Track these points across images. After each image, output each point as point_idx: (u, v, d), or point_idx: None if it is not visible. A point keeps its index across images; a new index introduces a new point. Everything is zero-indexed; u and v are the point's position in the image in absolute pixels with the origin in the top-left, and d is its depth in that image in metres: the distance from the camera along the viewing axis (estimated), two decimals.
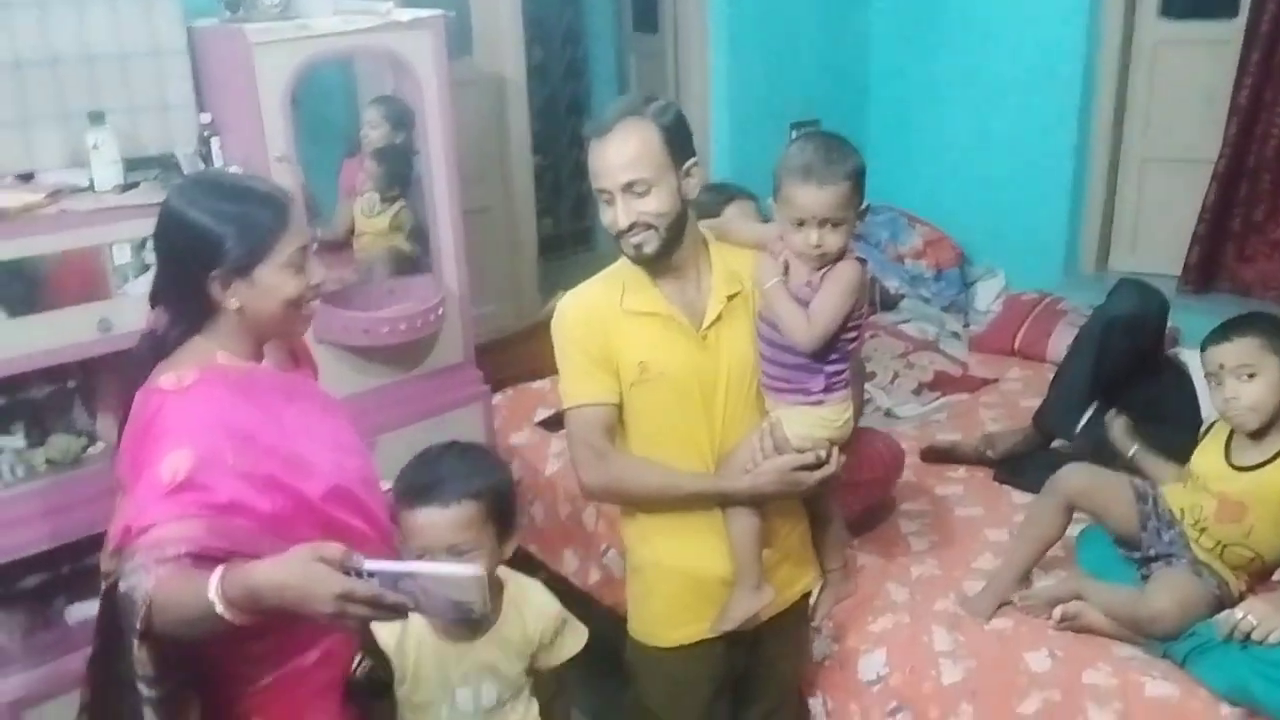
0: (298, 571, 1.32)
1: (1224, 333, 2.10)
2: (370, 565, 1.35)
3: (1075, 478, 2.25)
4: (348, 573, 1.33)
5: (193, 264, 1.56)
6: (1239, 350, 2.05)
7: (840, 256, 1.78)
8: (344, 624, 1.36)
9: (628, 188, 1.75)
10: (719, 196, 2.21)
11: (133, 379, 1.63)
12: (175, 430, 1.51)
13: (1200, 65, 3.83)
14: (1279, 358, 2.02)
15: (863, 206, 1.79)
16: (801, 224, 1.75)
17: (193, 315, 1.61)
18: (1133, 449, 2.33)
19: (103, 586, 1.53)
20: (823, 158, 1.74)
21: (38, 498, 2.21)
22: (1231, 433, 2.09)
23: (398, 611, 1.37)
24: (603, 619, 2.59)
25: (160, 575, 1.39)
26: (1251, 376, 2.03)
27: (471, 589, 1.39)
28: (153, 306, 1.66)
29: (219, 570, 1.35)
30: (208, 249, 1.55)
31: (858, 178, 1.76)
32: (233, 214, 1.56)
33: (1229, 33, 3.70)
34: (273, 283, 1.58)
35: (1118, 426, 2.39)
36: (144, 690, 1.44)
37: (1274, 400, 2.02)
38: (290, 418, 1.65)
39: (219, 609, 1.33)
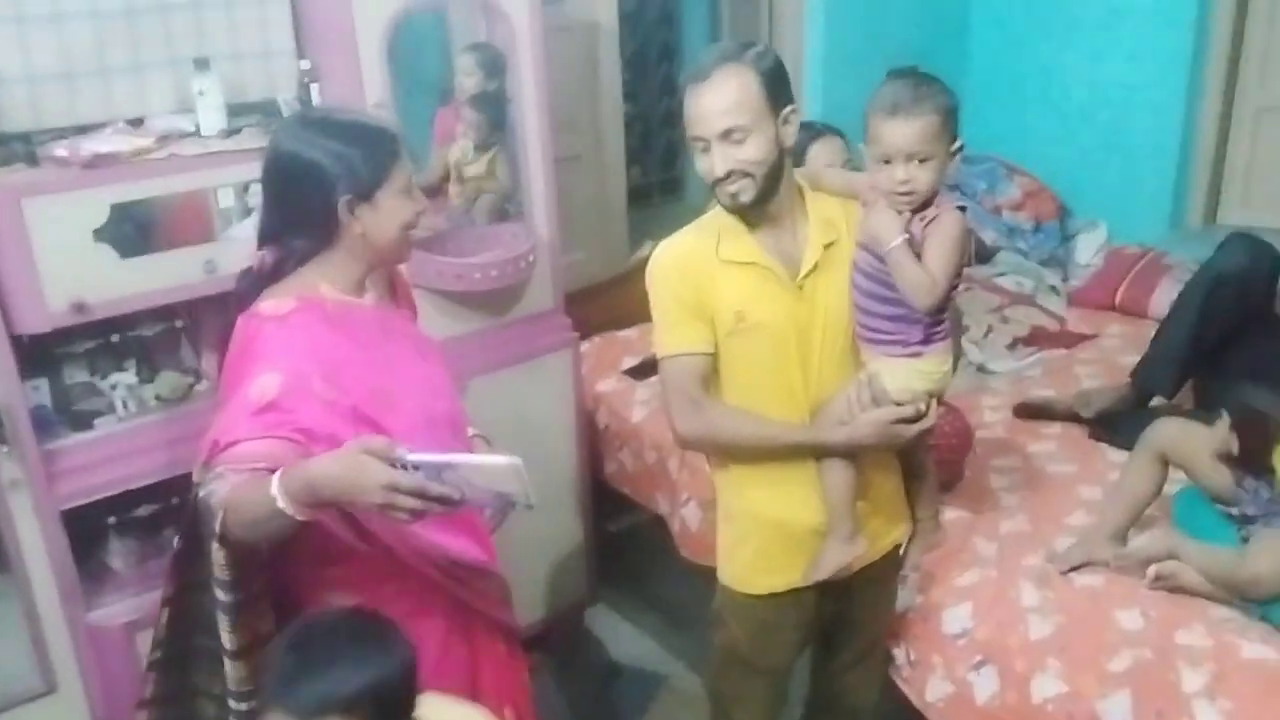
0: (347, 463, 1.39)
1: None
2: (413, 457, 1.40)
3: (1167, 429, 2.20)
4: (394, 465, 1.38)
5: (316, 194, 1.63)
6: None
7: (930, 195, 1.75)
8: (394, 515, 1.40)
9: (725, 135, 1.73)
10: (804, 135, 2.17)
11: (235, 311, 1.71)
12: (268, 354, 1.60)
13: None
14: None
15: (955, 146, 1.75)
16: (888, 162, 1.73)
17: (307, 248, 1.68)
18: None
19: (191, 495, 1.61)
20: (910, 93, 1.72)
21: (148, 431, 2.30)
22: None
23: (445, 502, 1.41)
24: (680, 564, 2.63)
25: (235, 482, 1.47)
26: None
27: (512, 478, 1.43)
28: (260, 246, 1.72)
29: (280, 469, 1.43)
30: (334, 176, 1.62)
31: (946, 113, 1.72)
32: (356, 142, 1.64)
33: None
34: (392, 205, 1.66)
35: None
36: (220, 594, 1.53)
37: None
38: (382, 354, 1.70)
39: (280, 503, 1.40)
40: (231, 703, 1.61)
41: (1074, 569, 2.20)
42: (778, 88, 1.77)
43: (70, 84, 2.27)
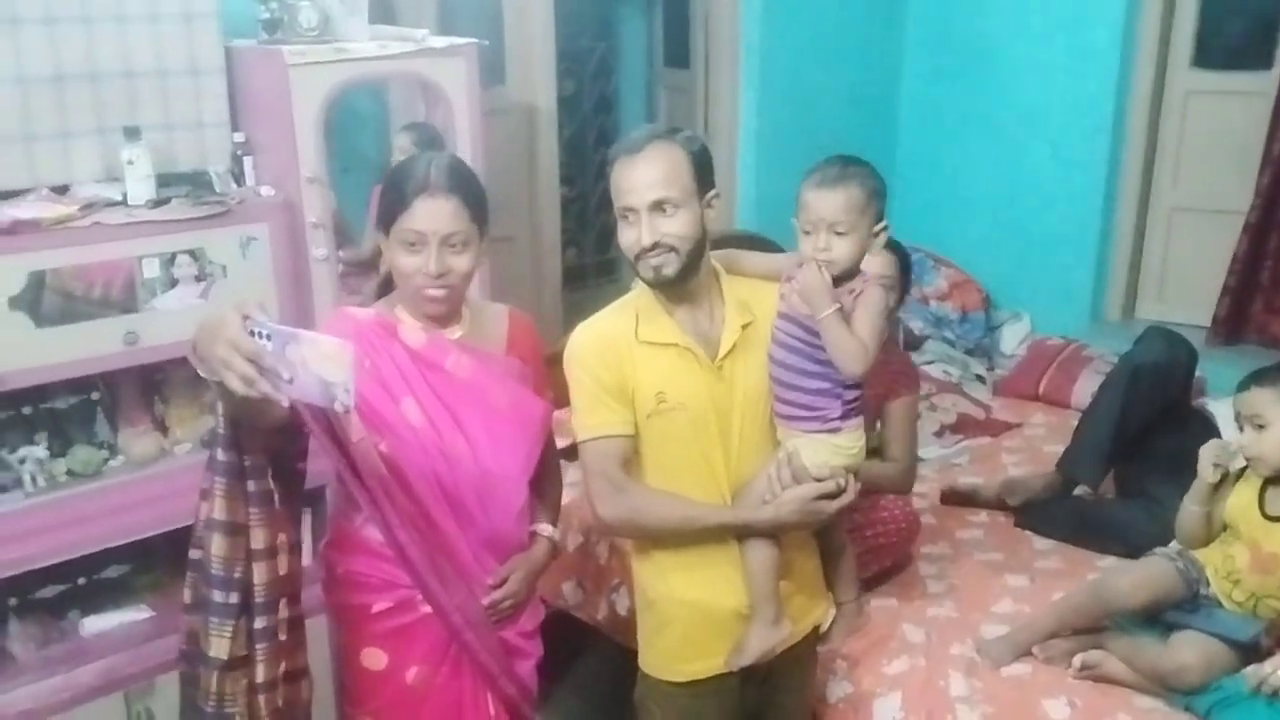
0: (215, 313, 1.44)
1: (1246, 381, 2.11)
2: (268, 327, 1.40)
3: (1121, 587, 2.18)
4: (253, 333, 1.40)
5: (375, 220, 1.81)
6: (1252, 399, 2.06)
7: (848, 267, 1.79)
8: (229, 376, 1.38)
9: (655, 206, 1.76)
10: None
11: None
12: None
13: (1233, 116, 3.83)
14: None
15: (879, 227, 1.80)
16: (810, 232, 1.79)
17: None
18: None
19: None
20: (837, 169, 1.79)
21: (57, 508, 2.21)
22: (1265, 482, 2.07)
23: (273, 380, 1.39)
24: (606, 656, 2.58)
25: None
26: (1261, 427, 2.02)
27: (339, 365, 1.41)
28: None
29: None
30: (379, 205, 1.79)
31: (870, 192, 1.78)
32: (389, 181, 1.79)
33: (1263, 84, 3.70)
34: (393, 250, 1.77)
35: None
36: (219, 453, 1.60)
37: None
38: (426, 385, 1.79)
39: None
40: (214, 592, 1.63)
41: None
42: (704, 171, 1.81)
43: None
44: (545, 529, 2.01)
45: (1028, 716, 2.08)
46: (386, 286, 1.89)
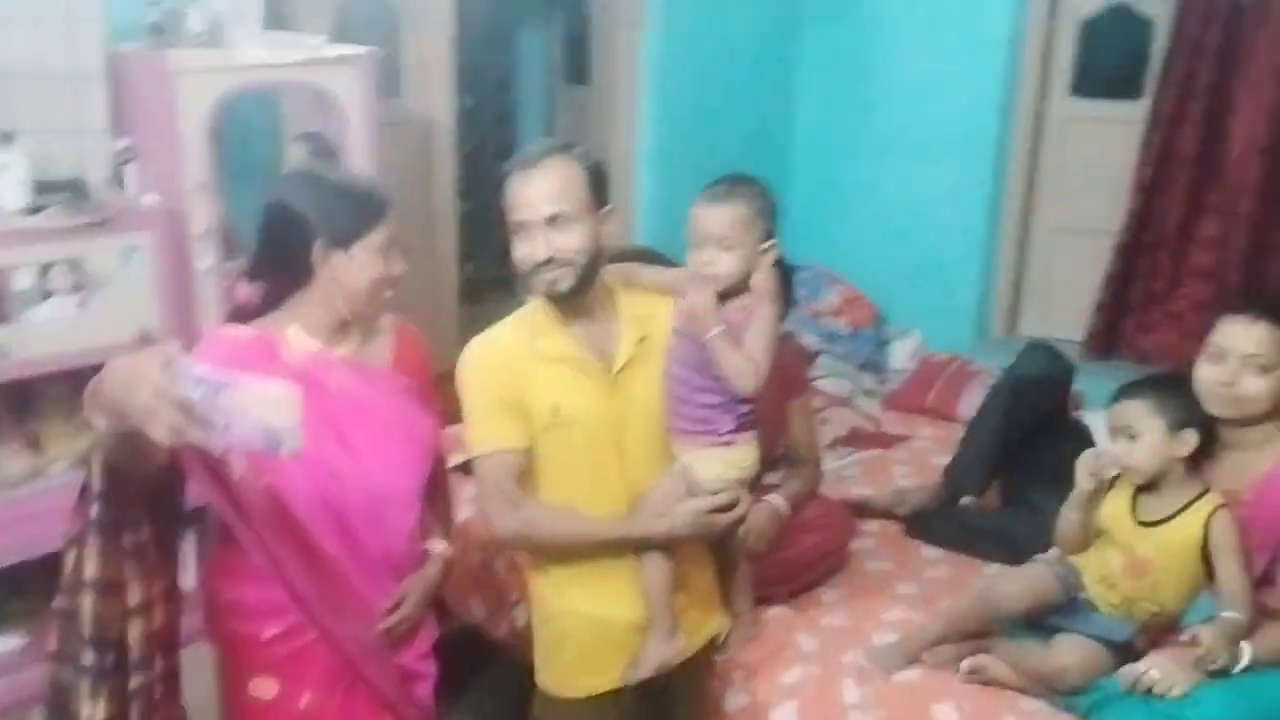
0: (131, 360, 1.35)
1: (1118, 393, 2.18)
2: (197, 372, 1.35)
3: (1005, 591, 2.25)
4: (175, 376, 1.32)
5: (296, 236, 1.76)
6: (1123, 411, 2.14)
7: (733, 282, 1.81)
8: (154, 428, 1.30)
9: (551, 220, 1.76)
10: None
11: None
12: (197, 354, 1.65)
13: (1107, 142, 4.02)
14: (1163, 420, 2.09)
15: (767, 244, 1.82)
16: (699, 247, 1.81)
17: (285, 286, 1.82)
18: None
19: None
20: (725, 186, 1.82)
21: None
22: (1137, 490, 2.16)
23: (205, 427, 1.33)
24: (508, 670, 2.55)
25: None
26: (1133, 438, 2.11)
27: (283, 410, 1.38)
28: (250, 281, 1.86)
29: None
30: (314, 222, 1.76)
31: (756, 209, 1.81)
32: (343, 196, 1.80)
33: (1134, 113, 3.90)
34: (365, 259, 1.78)
35: None
36: (94, 509, 1.52)
37: (1155, 461, 2.09)
38: (320, 404, 1.72)
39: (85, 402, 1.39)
40: (86, 652, 1.54)
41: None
42: (599, 186, 1.82)
43: None
44: (438, 545, 2.00)
45: None
46: (244, 313, 1.85)
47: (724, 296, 1.81)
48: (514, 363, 1.85)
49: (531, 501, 1.88)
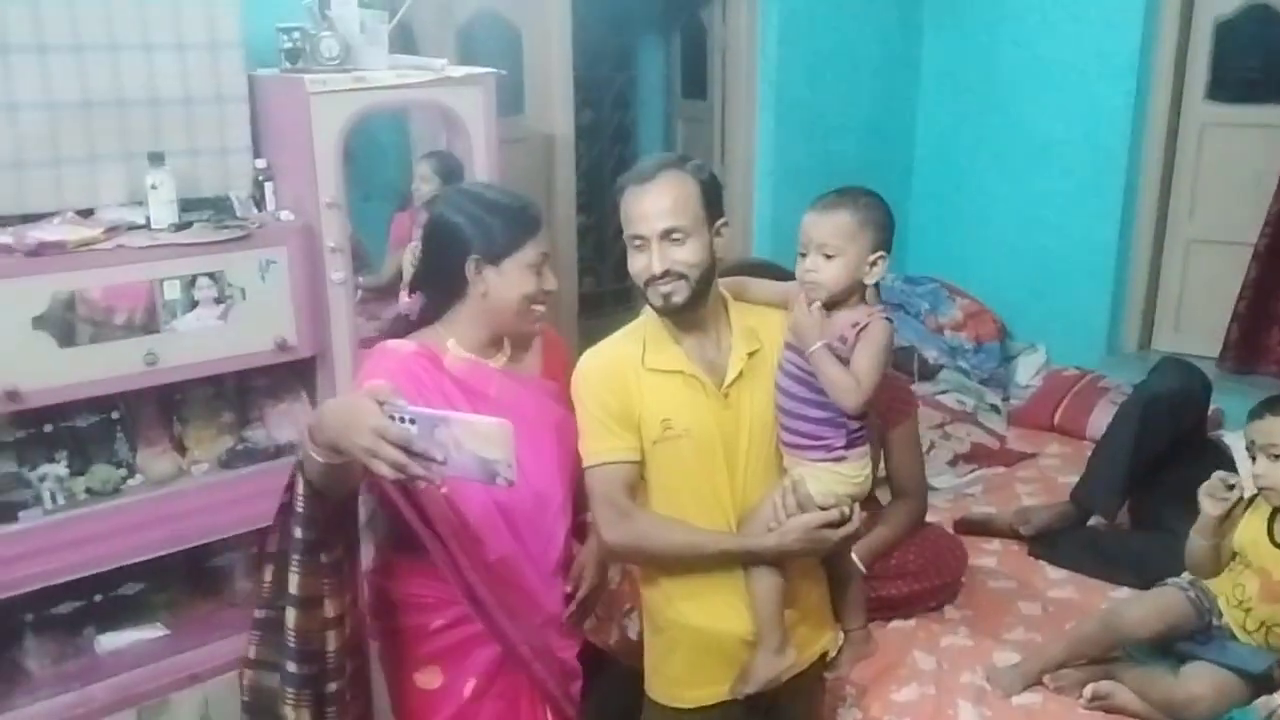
0: (347, 401, 1.50)
1: (1259, 409, 2.09)
2: (411, 410, 1.42)
3: (1133, 615, 2.19)
4: (391, 416, 1.42)
5: (455, 251, 1.82)
6: (1266, 428, 2.05)
7: (837, 291, 1.80)
8: (377, 465, 1.42)
9: (665, 234, 1.77)
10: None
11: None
12: (372, 372, 1.79)
13: (1249, 148, 3.83)
14: None
15: (876, 255, 1.80)
16: (805, 254, 1.81)
17: (441, 300, 1.88)
18: None
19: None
20: (835, 193, 1.82)
21: (76, 525, 2.24)
22: (1275, 511, 2.06)
23: (427, 460, 1.42)
24: (619, 679, 2.58)
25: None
26: (1276, 457, 2.01)
27: (498, 443, 1.42)
28: (410, 293, 1.97)
29: None
30: (471, 236, 1.81)
31: (865, 219, 1.79)
32: (497, 213, 1.84)
33: (1274, 117, 3.73)
34: (516, 276, 1.82)
35: None
36: (296, 530, 1.63)
37: None
38: (485, 412, 1.78)
39: (304, 437, 1.52)
40: (289, 662, 1.68)
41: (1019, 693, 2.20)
42: (714, 199, 1.83)
43: (20, 173, 2.28)
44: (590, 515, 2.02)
45: None
46: (406, 323, 1.93)
47: (833, 306, 1.81)
48: (626, 376, 1.86)
49: (642, 513, 1.89)
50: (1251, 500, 2.11)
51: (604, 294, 5.55)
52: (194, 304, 2.27)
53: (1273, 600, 2.02)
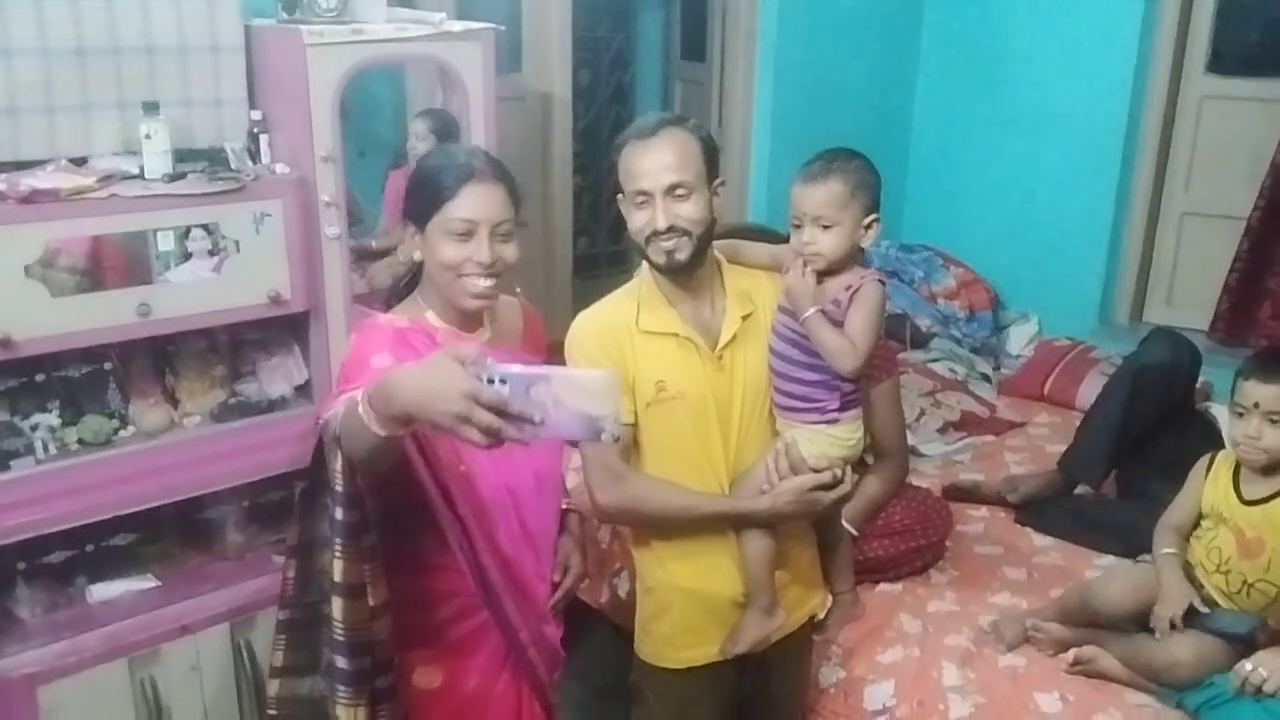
0: (430, 366, 1.32)
1: (1265, 373, 2.07)
2: (501, 370, 1.30)
3: (1110, 593, 2.21)
4: (479, 377, 1.28)
5: (405, 215, 1.75)
6: (1275, 395, 2.03)
7: (836, 260, 1.80)
8: (468, 432, 1.27)
9: (670, 190, 1.76)
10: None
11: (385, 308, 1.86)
12: (377, 345, 1.70)
13: (1246, 121, 3.82)
14: None
15: (869, 219, 1.80)
16: (799, 225, 1.80)
17: (416, 267, 1.79)
18: None
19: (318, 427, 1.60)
20: (824, 163, 1.81)
21: (68, 475, 2.24)
22: (1237, 468, 2.08)
23: (524, 422, 1.29)
24: (608, 638, 2.61)
25: (348, 398, 1.46)
26: (1275, 423, 2.02)
27: (605, 396, 1.33)
28: (387, 302, 1.87)
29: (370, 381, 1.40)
30: (408, 197, 1.74)
31: (856, 184, 1.79)
32: (427, 171, 1.73)
33: (1275, 91, 3.71)
34: (436, 241, 1.70)
35: None
36: (337, 512, 1.51)
37: None
38: None
39: (361, 409, 1.37)
40: (339, 657, 1.57)
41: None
42: (713, 158, 1.83)
43: (14, 119, 2.25)
44: (566, 502, 2.02)
45: (1020, 708, 2.10)
46: (400, 287, 1.85)
47: (828, 273, 1.81)
48: (619, 337, 1.86)
49: (635, 475, 1.90)
50: (1211, 461, 2.14)
51: (599, 255, 5.54)
52: (187, 256, 2.25)
53: (1249, 556, 2.04)
